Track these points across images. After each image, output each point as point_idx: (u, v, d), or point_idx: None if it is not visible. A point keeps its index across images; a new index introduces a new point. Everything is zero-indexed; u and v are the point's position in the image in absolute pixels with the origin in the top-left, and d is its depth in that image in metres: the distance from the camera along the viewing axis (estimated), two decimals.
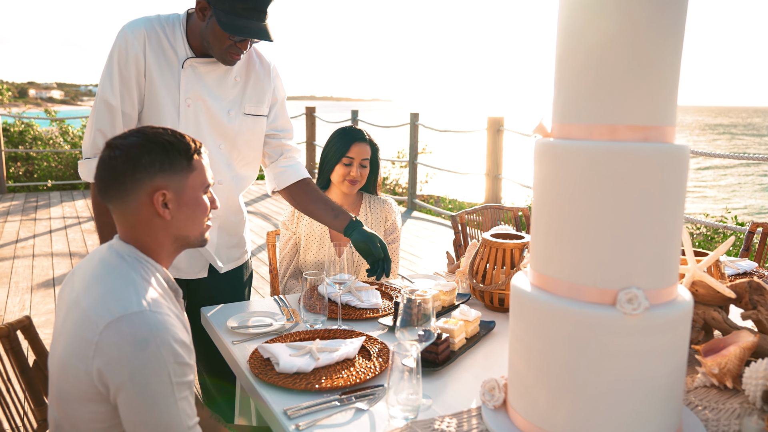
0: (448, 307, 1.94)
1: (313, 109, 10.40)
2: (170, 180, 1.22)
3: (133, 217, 1.22)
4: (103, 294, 1.13)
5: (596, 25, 1.07)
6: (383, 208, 2.49)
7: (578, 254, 1.09)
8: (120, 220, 1.24)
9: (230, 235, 2.13)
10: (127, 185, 1.19)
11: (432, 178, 12.01)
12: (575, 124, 1.11)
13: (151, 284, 1.18)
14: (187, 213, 1.27)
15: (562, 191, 1.11)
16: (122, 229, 1.24)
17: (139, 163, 1.18)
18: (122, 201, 1.20)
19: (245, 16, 1.74)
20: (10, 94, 13.33)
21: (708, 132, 64.19)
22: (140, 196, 1.20)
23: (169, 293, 1.26)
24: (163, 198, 1.21)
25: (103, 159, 1.21)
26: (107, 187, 1.21)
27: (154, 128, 1.23)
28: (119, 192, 1.20)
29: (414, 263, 5.58)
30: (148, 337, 1.07)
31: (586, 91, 1.09)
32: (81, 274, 1.22)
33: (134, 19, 1.86)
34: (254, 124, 2.05)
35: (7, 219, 7.12)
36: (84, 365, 1.09)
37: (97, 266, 1.20)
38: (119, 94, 1.83)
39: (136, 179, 1.19)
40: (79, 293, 1.17)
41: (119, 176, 1.18)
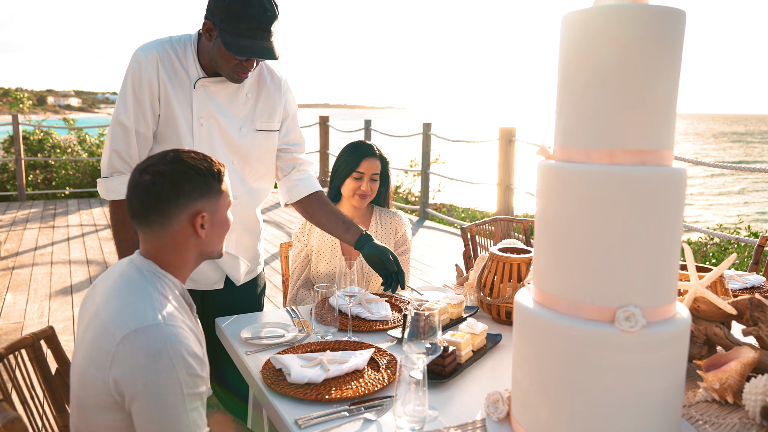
0: (456, 320, 1.98)
1: (326, 118, 10.50)
2: (207, 203, 1.30)
3: (169, 238, 1.28)
4: (121, 307, 1.19)
5: (595, 53, 1.12)
6: (393, 220, 2.54)
7: (578, 273, 1.13)
8: (150, 239, 1.29)
9: (246, 249, 2.19)
10: (169, 210, 1.26)
11: (445, 188, 12.06)
12: (575, 148, 1.15)
13: (167, 298, 1.24)
14: (218, 231, 1.35)
15: (563, 212, 1.15)
16: (148, 246, 1.30)
17: (183, 190, 1.26)
18: (162, 225, 1.27)
19: (249, 36, 1.79)
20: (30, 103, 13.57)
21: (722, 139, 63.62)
22: (181, 220, 1.28)
23: (185, 306, 1.32)
24: (202, 220, 1.29)
25: (144, 185, 1.26)
26: (149, 213, 1.26)
27: (187, 153, 1.30)
28: (161, 217, 1.26)
29: (425, 273, 5.62)
30: (162, 349, 1.13)
31: (586, 117, 1.13)
32: (102, 287, 1.29)
33: (147, 43, 1.93)
34: (266, 139, 2.11)
35: (26, 226, 7.26)
36: (101, 375, 1.15)
37: (117, 280, 1.26)
38: (133, 115, 1.90)
39: (179, 204, 1.26)
40: (99, 305, 1.23)
41: (163, 202, 1.25)
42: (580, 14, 1.14)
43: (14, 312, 4.37)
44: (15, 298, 4.66)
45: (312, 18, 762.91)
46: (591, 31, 1.12)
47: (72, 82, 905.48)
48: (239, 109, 2.05)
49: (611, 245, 1.10)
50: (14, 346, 1.43)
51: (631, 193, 1.09)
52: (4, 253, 5.99)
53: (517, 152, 6.89)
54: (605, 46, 1.10)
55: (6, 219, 7.67)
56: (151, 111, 1.94)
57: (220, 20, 1.80)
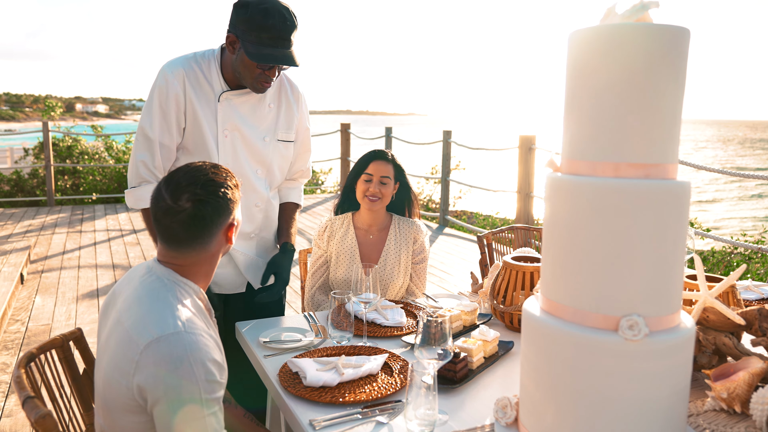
0: (469, 327, 2.02)
1: (347, 125, 10.59)
2: (236, 212, 1.39)
3: (206, 254, 1.37)
4: (143, 315, 1.25)
5: (600, 70, 1.15)
6: (411, 229, 2.58)
7: (582, 282, 1.17)
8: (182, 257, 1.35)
9: (267, 253, 2.27)
10: (213, 232, 1.34)
11: (465, 195, 12.07)
12: (581, 161, 1.19)
13: (186, 306, 1.30)
14: (236, 234, 1.42)
15: (569, 223, 1.19)
16: (177, 261, 1.36)
17: (223, 211, 1.34)
18: (204, 245, 1.34)
19: (271, 44, 1.88)
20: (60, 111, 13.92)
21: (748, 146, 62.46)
22: (219, 235, 1.37)
23: (204, 312, 1.38)
24: (234, 229, 1.37)
25: (188, 214, 1.29)
26: (194, 239, 1.32)
27: (213, 170, 1.36)
28: (204, 239, 1.34)
29: (444, 280, 5.64)
30: (183, 356, 1.19)
31: (591, 131, 1.17)
32: (123, 294, 1.35)
33: (173, 60, 2.02)
34: (285, 149, 2.20)
35: (55, 231, 7.45)
36: (125, 381, 1.22)
37: (138, 288, 1.32)
38: (159, 129, 2.00)
39: (220, 224, 1.35)
40: (121, 312, 1.30)
41: (208, 227, 1.32)
42: (586, 32, 1.18)
43: (43, 314, 4.50)
44: (44, 301, 4.80)
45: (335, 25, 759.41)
46: (596, 49, 1.16)
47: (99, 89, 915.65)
48: (262, 120, 2.13)
49: (615, 256, 1.14)
50: (45, 347, 1.50)
51: (635, 205, 1.12)
52: (33, 257, 6.16)
53: (537, 160, 6.89)
54: (610, 64, 1.14)
55: (36, 224, 7.88)
56: (177, 125, 2.02)
57: (243, 32, 1.89)
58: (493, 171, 17.55)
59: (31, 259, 6.04)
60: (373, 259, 2.53)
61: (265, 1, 1.89)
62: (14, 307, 4.64)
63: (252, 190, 2.12)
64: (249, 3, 1.89)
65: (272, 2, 1.90)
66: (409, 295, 2.56)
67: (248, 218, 2.14)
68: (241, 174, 2.09)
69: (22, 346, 3.89)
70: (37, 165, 10.05)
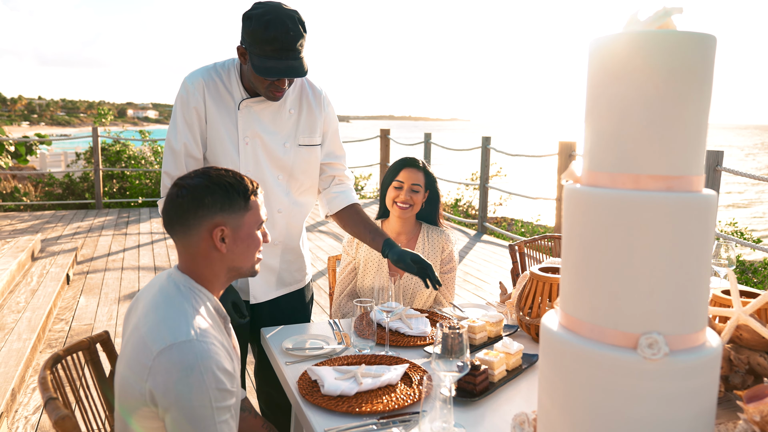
0: (494, 338, 1.98)
1: (387, 131, 10.62)
2: (228, 218, 1.36)
3: (193, 249, 1.37)
4: (158, 322, 1.27)
5: (621, 78, 1.12)
6: (440, 238, 2.56)
7: (601, 297, 1.13)
8: (181, 251, 1.39)
9: (291, 259, 2.28)
10: (190, 221, 1.34)
11: (506, 201, 11.93)
12: (601, 172, 1.15)
13: (200, 313, 1.32)
14: (242, 247, 1.41)
15: (587, 236, 1.15)
16: (182, 258, 1.39)
17: (202, 203, 1.33)
18: (185, 234, 1.36)
19: (274, 56, 1.87)
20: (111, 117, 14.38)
21: None
22: (201, 231, 1.35)
23: (218, 321, 1.39)
24: (221, 233, 1.35)
25: (170, 196, 1.36)
26: (173, 222, 1.37)
27: (218, 170, 1.38)
28: (183, 227, 1.35)
29: (480, 288, 5.58)
30: (194, 364, 1.20)
31: (611, 141, 1.14)
32: (143, 301, 1.38)
33: (193, 71, 2.07)
34: (309, 153, 2.20)
35: (102, 233, 7.70)
36: (139, 386, 1.24)
37: (156, 294, 1.35)
38: (183, 139, 2.04)
39: (198, 216, 1.34)
40: (139, 318, 1.33)
41: (184, 213, 1.34)
42: (606, 40, 1.15)
43: (86, 314, 4.64)
44: (87, 301, 4.96)
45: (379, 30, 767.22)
46: (617, 57, 1.13)
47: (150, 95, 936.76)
48: (283, 126, 2.14)
49: (635, 271, 1.10)
50: (72, 349, 1.55)
51: (656, 218, 1.08)
52: (80, 258, 6.38)
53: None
54: (631, 72, 1.10)
55: (84, 226, 8.16)
56: (200, 134, 2.07)
57: (249, 44, 1.90)
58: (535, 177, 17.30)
59: (77, 260, 6.25)
60: (400, 270, 2.52)
61: (268, 12, 1.88)
62: (59, 306, 4.81)
63: (274, 196, 2.14)
64: (252, 15, 1.89)
65: (276, 12, 1.88)
66: (436, 305, 2.54)
67: (271, 224, 2.16)
68: (262, 180, 2.11)
69: (65, 345, 4.03)
70: (88, 169, 10.41)
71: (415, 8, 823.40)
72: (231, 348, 1.41)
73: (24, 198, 10.71)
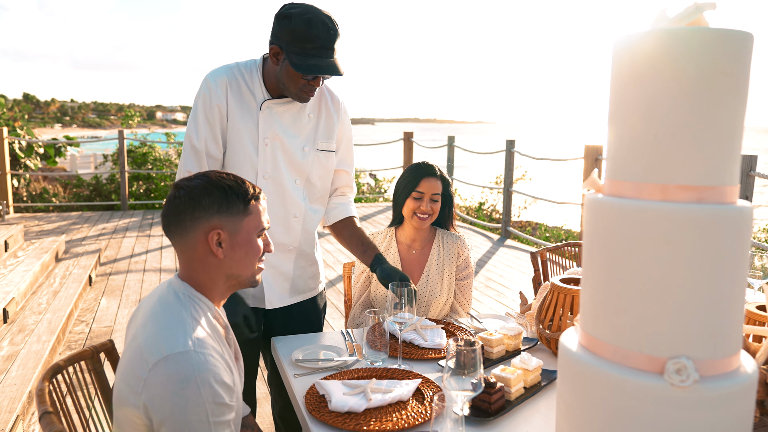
0: (513, 352, 1.90)
1: (410, 134, 10.55)
2: (226, 221, 1.31)
3: (190, 253, 1.32)
4: (156, 332, 1.22)
5: (647, 80, 1.03)
6: (456, 244, 2.49)
7: (624, 317, 1.04)
8: (180, 256, 1.34)
9: (305, 266, 2.22)
10: (186, 222, 1.29)
11: (531, 205, 11.75)
12: (625, 182, 1.07)
13: (200, 323, 1.26)
14: (240, 253, 1.35)
15: (610, 250, 1.07)
16: (181, 265, 1.34)
17: (199, 204, 1.28)
18: (181, 236, 1.31)
19: (315, 54, 1.86)
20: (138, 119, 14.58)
21: None
22: (197, 233, 1.30)
23: (218, 330, 1.33)
24: (217, 237, 1.30)
25: (168, 197, 1.32)
26: (169, 223, 1.32)
27: (219, 173, 1.33)
28: (179, 228, 1.31)
29: (503, 295, 5.47)
30: (190, 376, 1.15)
31: (636, 147, 1.05)
32: (143, 309, 1.33)
33: (216, 69, 2.03)
34: (326, 159, 2.16)
35: (126, 234, 7.76)
36: (134, 399, 1.18)
37: (156, 303, 1.30)
38: (204, 138, 2.00)
39: (195, 218, 1.29)
40: (138, 328, 1.28)
41: (180, 213, 1.29)
42: (633, 38, 1.06)
43: (106, 316, 4.66)
44: (108, 303, 4.97)
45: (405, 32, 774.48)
46: (644, 56, 1.04)
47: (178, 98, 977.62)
48: (302, 129, 2.10)
49: (662, 290, 1.01)
50: (74, 358, 1.51)
51: (685, 233, 0.99)
52: (103, 260, 6.43)
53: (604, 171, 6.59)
54: (660, 73, 1.02)
55: (109, 227, 8.24)
56: (221, 133, 2.03)
57: (287, 43, 1.87)
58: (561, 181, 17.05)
59: (100, 262, 6.30)
60: (416, 275, 2.44)
61: (307, 11, 1.87)
62: (81, 308, 4.83)
63: (290, 200, 2.10)
64: (292, 14, 1.88)
65: (315, 12, 1.88)
66: (453, 314, 2.46)
67: (286, 229, 2.11)
68: (280, 184, 2.06)
69: (84, 347, 4.04)
70: (114, 171, 10.54)
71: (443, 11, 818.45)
72: (232, 360, 1.35)
73: (53, 199, 10.89)
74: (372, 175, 14.49)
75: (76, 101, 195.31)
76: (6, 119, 11.33)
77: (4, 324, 4.07)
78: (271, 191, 2.07)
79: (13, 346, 3.68)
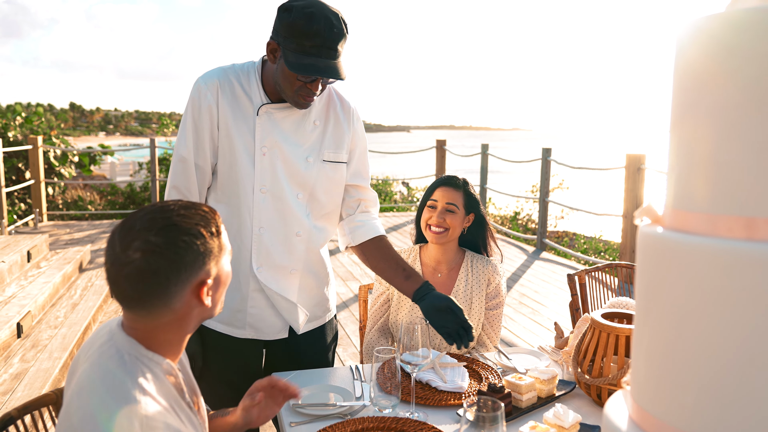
0: (546, 399, 1.63)
1: (443, 142, 10.28)
2: (211, 266, 1.09)
3: (170, 317, 1.08)
4: (93, 412, 0.98)
5: (728, 78, 0.77)
6: (486, 269, 2.22)
7: (693, 396, 0.78)
8: (143, 321, 1.09)
9: (310, 292, 1.98)
10: (171, 290, 1.05)
11: (568, 215, 11.34)
12: (695, 213, 0.81)
13: (149, 393, 1.03)
14: (221, 291, 1.15)
15: (674, 304, 0.81)
16: (137, 326, 1.10)
17: (184, 264, 1.05)
18: (165, 306, 1.07)
19: (314, 54, 1.64)
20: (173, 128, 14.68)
21: None
22: (185, 295, 1.07)
23: (174, 394, 1.11)
24: (207, 287, 1.08)
25: (136, 266, 1.03)
26: (148, 297, 1.05)
27: (175, 211, 1.08)
28: (163, 299, 1.06)
29: (538, 313, 5.16)
30: None
31: (712, 169, 0.79)
32: (81, 367, 1.10)
33: (208, 71, 1.83)
34: (334, 171, 1.92)
35: None
36: None
37: (95, 364, 1.06)
38: (192, 147, 1.80)
39: (180, 280, 1.05)
40: (72, 397, 1.04)
41: (163, 284, 1.04)
42: (704, 23, 0.80)
43: None
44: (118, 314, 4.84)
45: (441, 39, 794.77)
46: (722, 48, 0.78)
47: None
48: (306, 138, 1.87)
49: (747, 360, 0.74)
50: (31, 406, 1.30)
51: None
52: None
53: (646, 182, 6.22)
54: (745, 69, 0.76)
55: None
56: (210, 142, 1.82)
57: (284, 39, 1.66)
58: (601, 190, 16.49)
59: None
60: None
61: (311, 5, 1.65)
62: (99, 321, 4.71)
63: (292, 217, 1.86)
64: (293, 6, 1.65)
65: (319, 6, 1.65)
66: (479, 347, 2.20)
67: (287, 249, 1.87)
68: (280, 198, 1.83)
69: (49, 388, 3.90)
70: (148, 179, 10.56)
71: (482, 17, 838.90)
72: (199, 424, 1.12)
73: (89, 206, 10.98)
74: (405, 183, 14.26)
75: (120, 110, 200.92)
76: (43, 129, 11.49)
77: (18, 339, 3.96)
78: (270, 206, 1.84)
79: (23, 363, 3.56)
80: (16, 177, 9.98)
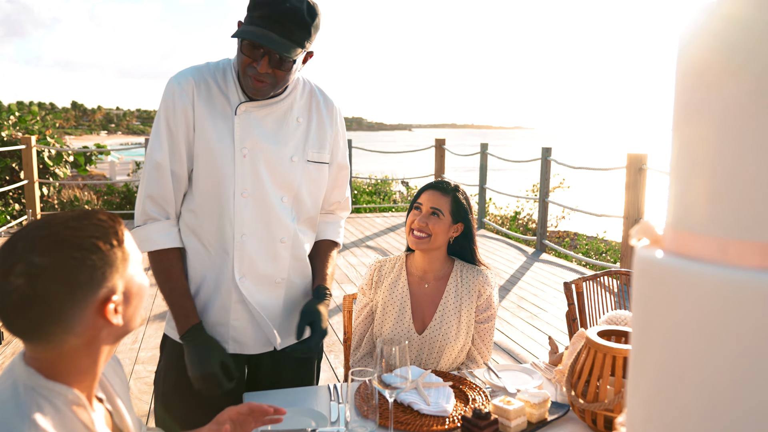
0: (537, 424, 1.50)
1: (442, 141, 10.15)
2: (115, 281, 0.96)
3: (74, 341, 0.96)
4: None
5: (743, 73, 0.65)
6: (477, 280, 2.09)
7: None
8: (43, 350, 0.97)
9: (297, 302, 1.87)
10: (66, 314, 0.93)
11: (569, 215, 11.20)
12: (700, 235, 0.68)
13: (41, 428, 0.91)
14: (136, 303, 1.03)
15: (676, 341, 0.68)
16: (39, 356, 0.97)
17: (78, 284, 0.92)
18: (64, 331, 0.94)
19: (257, 24, 1.55)
20: None
21: None
22: (87, 317, 0.95)
23: (78, 427, 0.98)
24: (114, 305, 0.95)
25: (21, 294, 0.90)
26: (41, 324, 0.92)
27: (64, 223, 0.96)
28: (60, 325, 0.93)
29: (536, 317, 5.03)
30: None
31: (720, 186, 0.66)
32: None
33: (181, 70, 1.73)
34: (318, 172, 1.82)
35: None
36: None
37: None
38: (168, 151, 1.69)
39: (76, 301, 0.93)
40: None
41: (56, 307, 0.92)
42: (713, 9, 0.68)
43: None
44: None
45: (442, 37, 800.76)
46: (740, 36, 0.65)
47: None
48: (290, 136, 1.76)
49: (764, 411, 0.62)
50: None
51: None
52: None
53: (648, 182, 6.09)
54: (755, 67, 0.63)
55: None
56: (186, 146, 1.70)
57: (244, 17, 1.60)
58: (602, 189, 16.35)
59: None
60: (428, 313, 2.07)
61: None
62: None
63: (277, 222, 1.74)
64: None
65: None
66: (469, 362, 2.07)
67: (272, 257, 1.75)
68: (263, 201, 1.72)
69: None
70: None
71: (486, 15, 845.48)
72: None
73: (85, 207, 10.86)
74: (404, 183, 14.13)
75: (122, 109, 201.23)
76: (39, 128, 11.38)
77: None
78: (252, 212, 1.72)
79: None
80: (9, 177, 9.88)
